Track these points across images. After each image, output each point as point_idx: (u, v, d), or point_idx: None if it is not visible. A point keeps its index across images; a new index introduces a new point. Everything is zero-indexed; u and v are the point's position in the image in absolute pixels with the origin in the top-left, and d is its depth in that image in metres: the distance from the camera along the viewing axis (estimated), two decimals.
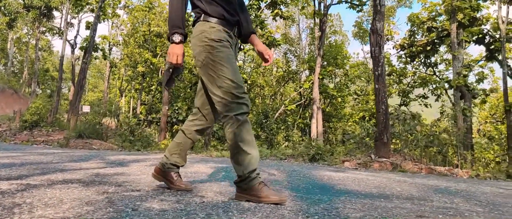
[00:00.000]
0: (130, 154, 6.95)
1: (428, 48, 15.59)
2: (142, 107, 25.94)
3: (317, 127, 17.11)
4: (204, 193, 2.30)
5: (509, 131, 11.67)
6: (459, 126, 10.64)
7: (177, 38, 2.04)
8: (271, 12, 13.55)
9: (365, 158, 7.73)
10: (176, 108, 17.17)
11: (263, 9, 14.07)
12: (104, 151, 7.42)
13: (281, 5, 14.16)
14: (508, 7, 12.38)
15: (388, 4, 23.52)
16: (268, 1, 13.52)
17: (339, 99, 21.11)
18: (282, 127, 18.99)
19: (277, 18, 14.88)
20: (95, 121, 13.52)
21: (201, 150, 10.16)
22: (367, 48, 29.26)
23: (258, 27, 12.35)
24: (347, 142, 11.84)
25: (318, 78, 16.87)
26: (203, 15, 2.14)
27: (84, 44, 15.66)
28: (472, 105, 20.32)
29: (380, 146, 7.80)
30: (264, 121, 17.92)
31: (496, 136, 18.93)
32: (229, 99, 2.04)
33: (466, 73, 10.98)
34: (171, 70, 2.10)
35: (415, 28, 16.01)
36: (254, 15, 13.23)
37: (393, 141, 9.26)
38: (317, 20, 17.73)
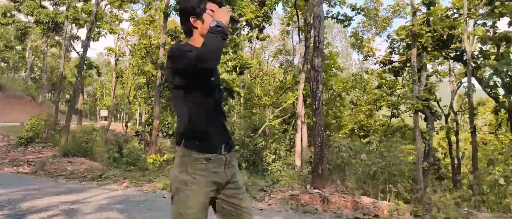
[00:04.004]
0: (76, 190, 7.56)
1: (408, 64, 15.81)
2: (147, 115, 26.91)
3: (301, 142, 17.55)
4: None
5: (474, 153, 11.79)
6: (417, 148, 10.88)
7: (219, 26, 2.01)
8: (246, 34, 14.06)
9: (301, 189, 8.16)
10: (166, 122, 17.83)
11: (240, 30, 14.59)
12: (44, 189, 8.04)
13: (260, 26, 14.63)
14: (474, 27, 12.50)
15: (383, 14, 23.63)
16: (244, 24, 14.03)
17: (330, 112, 21.40)
18: (270, 141, 19.44)
19: (273, 27, 15.36)
20: (81, 139, 14.36)
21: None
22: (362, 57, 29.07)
23: (231, 51, 12.87)
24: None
25: (302, 93, 17.30)
26: (183, 140, 2.07)
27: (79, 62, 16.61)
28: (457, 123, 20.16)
29: (316, 177, 8.20)
30: (251, 135, 18.43)
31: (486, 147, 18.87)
32: None
33: (428, 96, 11.21)
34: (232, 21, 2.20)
35: (396, 44, 16.27)
36: (230, 38, 13.78)
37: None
38: (302, 36, 18.13)
